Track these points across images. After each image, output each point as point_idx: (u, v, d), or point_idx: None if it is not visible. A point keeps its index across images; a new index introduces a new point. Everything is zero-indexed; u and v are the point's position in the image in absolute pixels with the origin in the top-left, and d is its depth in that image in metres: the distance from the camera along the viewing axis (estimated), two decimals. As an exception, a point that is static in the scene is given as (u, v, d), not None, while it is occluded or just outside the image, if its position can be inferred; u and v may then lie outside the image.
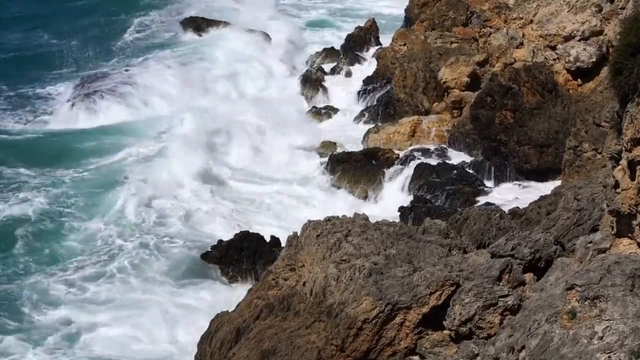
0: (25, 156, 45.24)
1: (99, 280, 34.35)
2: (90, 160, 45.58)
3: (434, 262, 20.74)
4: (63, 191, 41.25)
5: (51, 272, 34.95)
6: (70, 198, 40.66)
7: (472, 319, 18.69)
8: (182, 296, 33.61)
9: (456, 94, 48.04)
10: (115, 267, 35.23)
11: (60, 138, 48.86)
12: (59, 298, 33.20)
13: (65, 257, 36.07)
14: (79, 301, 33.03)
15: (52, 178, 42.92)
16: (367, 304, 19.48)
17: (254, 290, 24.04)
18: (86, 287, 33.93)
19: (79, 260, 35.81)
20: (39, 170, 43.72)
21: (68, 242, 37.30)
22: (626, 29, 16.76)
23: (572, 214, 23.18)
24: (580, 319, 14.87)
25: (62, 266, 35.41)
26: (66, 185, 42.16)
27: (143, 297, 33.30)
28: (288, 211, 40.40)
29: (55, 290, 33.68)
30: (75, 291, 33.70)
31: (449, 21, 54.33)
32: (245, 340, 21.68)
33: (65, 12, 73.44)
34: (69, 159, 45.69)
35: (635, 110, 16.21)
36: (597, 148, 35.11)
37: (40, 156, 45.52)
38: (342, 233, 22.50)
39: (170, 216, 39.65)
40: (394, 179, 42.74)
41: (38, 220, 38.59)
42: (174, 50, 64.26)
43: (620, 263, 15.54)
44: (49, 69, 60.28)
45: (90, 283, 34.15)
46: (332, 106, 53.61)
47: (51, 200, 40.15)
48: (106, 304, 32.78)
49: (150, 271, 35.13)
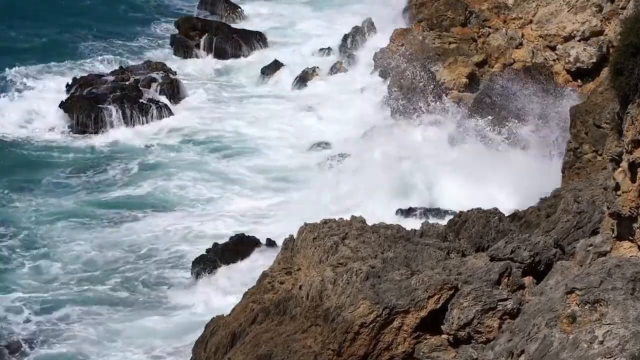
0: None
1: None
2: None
3: (432, 265, 20.64)
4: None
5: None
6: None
7: (471, 323, 18.57)
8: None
9: (455, 95, 47.87)
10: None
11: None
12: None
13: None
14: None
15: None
16: (364, 307, 19.37)
17: (250, 293, 23.94)
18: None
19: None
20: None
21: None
22: (627, 29, 16.58)
23: (572, 216, 23.05)
24: (581, 323, 14.73)
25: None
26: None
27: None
28: (282, 213, 40.09)
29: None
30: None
31: (447, 21, 54.07)
32: (240, 345, 21.56)
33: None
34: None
35: (636, 111, 16.08)
36: (598, 150, 34.95)
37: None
38: (338, 236, 22.38)
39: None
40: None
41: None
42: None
43: (621, 266, 15.42)
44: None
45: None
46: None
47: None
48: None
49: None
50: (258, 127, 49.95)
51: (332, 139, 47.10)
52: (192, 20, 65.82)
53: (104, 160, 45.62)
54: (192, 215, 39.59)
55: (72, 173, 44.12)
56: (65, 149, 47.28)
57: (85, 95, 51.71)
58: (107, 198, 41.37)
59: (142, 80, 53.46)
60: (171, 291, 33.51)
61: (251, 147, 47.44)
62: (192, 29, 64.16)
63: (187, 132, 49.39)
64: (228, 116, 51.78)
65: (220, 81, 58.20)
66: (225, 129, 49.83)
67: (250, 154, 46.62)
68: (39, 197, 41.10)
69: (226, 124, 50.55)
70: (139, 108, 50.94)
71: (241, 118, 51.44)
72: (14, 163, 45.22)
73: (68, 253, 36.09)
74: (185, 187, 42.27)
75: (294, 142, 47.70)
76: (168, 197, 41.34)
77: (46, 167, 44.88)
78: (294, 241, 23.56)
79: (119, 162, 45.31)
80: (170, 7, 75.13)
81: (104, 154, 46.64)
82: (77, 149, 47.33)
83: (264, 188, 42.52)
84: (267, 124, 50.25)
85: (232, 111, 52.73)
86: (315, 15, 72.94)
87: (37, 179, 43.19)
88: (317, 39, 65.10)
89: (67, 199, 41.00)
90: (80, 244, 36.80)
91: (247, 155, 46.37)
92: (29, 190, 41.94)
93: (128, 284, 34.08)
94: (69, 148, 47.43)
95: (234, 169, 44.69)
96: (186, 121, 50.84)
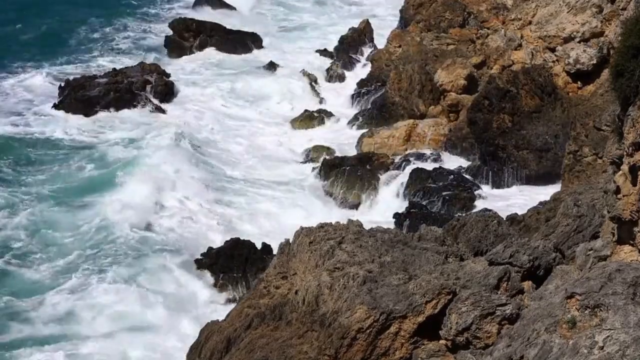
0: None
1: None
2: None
3: (430, 269, 20.52)
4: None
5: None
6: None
7: (469, 329, 18.43)
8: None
9: (453, 97, 47.77)
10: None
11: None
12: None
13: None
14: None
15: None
16: (361, 313, 19.22)
17: (245, 298, 23.87)
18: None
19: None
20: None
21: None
22: (627, 30, 16.56)
23: (572, 220, 23.08)
24: (580, 329, 14.61)
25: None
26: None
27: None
28: (279, 218, 40.02)
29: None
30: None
31: (445, 22, 54.09)
32: (236, 350, 21.44)
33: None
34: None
35: (636, 113, 16.00)
36: (598, 152, 35.01)
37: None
38: (335, 240, 22.25)
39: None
40: (389, 184, 42.41)
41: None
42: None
43: (621, 271, 15.26)
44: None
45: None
46: (325, 110, 53.02)
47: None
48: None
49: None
50: (250, 128, 49.98)
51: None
52: (186, 21, 66.05)
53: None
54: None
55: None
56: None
57: (78, 97, 51.72)
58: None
59: (136, 83, 53.36)
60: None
61: (242, 150, 47.59)
62: (186, 30, 64.30)
63: (179, 133, 49.42)
64: (221, 117, 51.72)
65: (215, 82, 58.11)
66: (217, 130, 49.80)
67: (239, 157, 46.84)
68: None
69: (218, 125, 50.53)
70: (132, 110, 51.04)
71: (235, 120, 51.49)
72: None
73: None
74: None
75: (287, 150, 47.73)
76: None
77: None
78: (290, 245, 23.43)
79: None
80: (165, 8, 75.44)
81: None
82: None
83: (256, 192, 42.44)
84: (260, 125, 50.35)
85: (226, 112, 52.66)
86: (313, 15, 73.07)
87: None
88: (315, 39, 65.16)
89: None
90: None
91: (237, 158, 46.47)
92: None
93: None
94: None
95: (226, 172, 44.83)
96: (178, 123, 50.79)
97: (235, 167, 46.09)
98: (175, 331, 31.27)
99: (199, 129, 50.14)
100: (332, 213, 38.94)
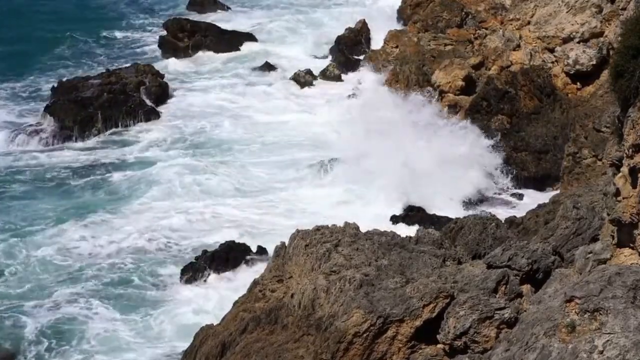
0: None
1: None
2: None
3: (428, 273, 20.46)
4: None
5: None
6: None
7: (467, 333, 18.39)
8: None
9: (450, 98, 47.63)
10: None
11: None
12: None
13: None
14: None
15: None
16: (357, 316, 19.15)
17: (240, 302, 23.84)
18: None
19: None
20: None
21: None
22: (627, 31, 16.47)
23: (571, 223, 22.97)
24: (580, 333, 14.44)
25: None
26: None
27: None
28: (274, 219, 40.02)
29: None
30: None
31: (443, 22, 54.07)
32: (231, 355, 21.43)
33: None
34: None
35: (636, 115, 15.89)
36: (597, 154, 35.02)
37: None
38: (331, 243, 22.27)
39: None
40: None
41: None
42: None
43: (621, 274, 15.11)
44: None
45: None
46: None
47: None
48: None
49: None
50: (245, 129, 50.03)
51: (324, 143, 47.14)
52: (181, 21, 65.80)
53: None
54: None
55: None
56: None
57: (72, 98, 51.47)
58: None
59: (130, 84, 53.19)
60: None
61: (238, 149, 47.64)
62: (180, 31, 64.14)
63: (173, 134, 49.42)
64: (216, 119, 51.73)
65: (209, 83, 57.98)
66: (212, 131, 49.83)
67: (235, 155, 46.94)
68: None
69: (214, 126, 50.54)
70: (125, 112, 50.84)
71: (231, 120, 51.55)
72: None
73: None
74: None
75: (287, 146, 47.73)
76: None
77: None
78: (286, 248, 23.44)
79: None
80: (159, 8, 75.47)
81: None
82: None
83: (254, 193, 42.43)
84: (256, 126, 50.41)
85: (223, 113, 52.68)
86: (311, 16, 73.12)
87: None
88: (312, 40, 65.16)
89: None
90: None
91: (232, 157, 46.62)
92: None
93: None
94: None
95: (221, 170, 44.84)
96: (172, 124, 50.82)
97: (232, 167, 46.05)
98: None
99: (193, 129, 49.98)
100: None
